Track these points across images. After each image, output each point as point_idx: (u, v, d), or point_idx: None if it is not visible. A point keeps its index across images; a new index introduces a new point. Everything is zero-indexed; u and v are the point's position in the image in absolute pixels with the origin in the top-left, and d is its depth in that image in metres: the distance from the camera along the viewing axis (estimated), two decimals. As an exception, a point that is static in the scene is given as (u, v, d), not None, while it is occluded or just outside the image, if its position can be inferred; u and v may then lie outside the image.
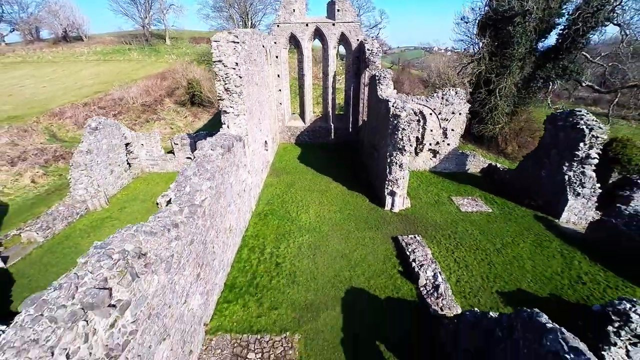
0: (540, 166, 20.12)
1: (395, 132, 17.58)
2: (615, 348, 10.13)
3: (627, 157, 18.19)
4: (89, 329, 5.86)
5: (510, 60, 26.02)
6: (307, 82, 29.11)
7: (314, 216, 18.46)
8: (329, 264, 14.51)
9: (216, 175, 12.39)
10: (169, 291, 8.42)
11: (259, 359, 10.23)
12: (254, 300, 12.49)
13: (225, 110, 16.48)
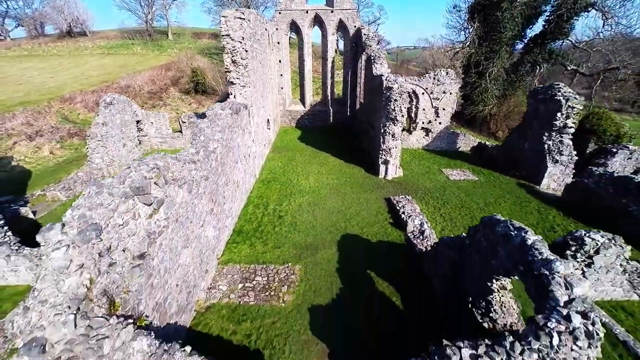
0: (524, 139, 21.90)
1: (388, 103, 19.35)
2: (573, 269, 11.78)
3: (602, 129, 19.92)
4: (135, 211, 7.61)
5: (499, 45, 27.83)
6: (307, 67, 30.92)
7: (313, 182, 20.19)
8: (326, 217, 16.22)
9: (226, 131, 14.15)
10: (190, 210, 10.16)
11: (265, 280, 11.93)
12: (259, 242, 14.21)
13: (232, 81, 18.25)
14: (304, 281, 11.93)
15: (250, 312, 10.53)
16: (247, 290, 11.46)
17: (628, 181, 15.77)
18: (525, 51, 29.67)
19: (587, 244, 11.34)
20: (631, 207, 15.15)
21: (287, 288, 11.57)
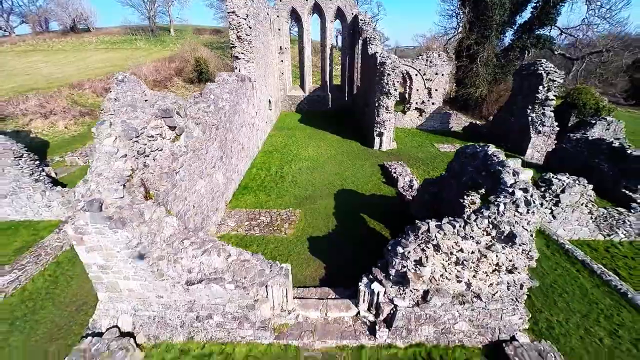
0: (511, 114, 23.56)
1: (381, 78, 21.03)
2: (543, 208, 13.42)
3: (582, 102, 21.57)
4: (163, 130, 9.23)
5: (489, 31, 29.60)
6: (306, 53, 32.68)
7: (312, 152, 21.82)
8: (324, 178, 17.83)
9: (232, 93, 15.80)
10: (204, 149, 11.77)
11: (269, 219, 13.52)
12: (263, 194, 15.80)
13: (237, 56, 19.94)
14: (303, 220, 13.51)
15: (256, 240, 12.11)
16: (253, 226, 13.04)
17: (600, 143, 17.41)
18: (515, 37, 31.39)
19: (554, 184, 12.92)
20: (602, 164, 16.77)
21: (289, 225, 13.14)
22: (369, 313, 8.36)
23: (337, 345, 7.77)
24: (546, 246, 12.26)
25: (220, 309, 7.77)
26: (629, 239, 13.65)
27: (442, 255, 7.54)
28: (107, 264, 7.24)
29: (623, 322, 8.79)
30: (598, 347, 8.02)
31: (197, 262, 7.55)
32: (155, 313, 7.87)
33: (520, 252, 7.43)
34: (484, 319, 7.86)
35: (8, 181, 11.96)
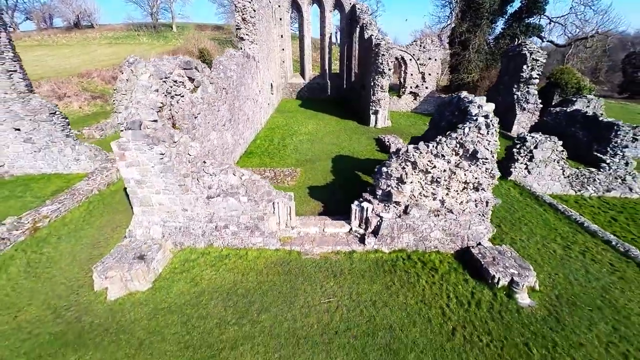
0: (499, 94, 25.30)
1: (376, 58, 22.77)
2: (518, 164, 15.12)
3: (564, 82, 23.31)
4: (184, 80, 10.94)
5: (480, 19, 31.43)
6: (306, 42, 34.47)
7: (312, 128, 23.54)
8: (323, 147, 19.52)
9: (239, 67, 17.53)
10: (216, 107, 13.47)
11: (273, 175, 15.20)
12: (267, 157, 17.51)
13: (242, 37, 21.69)
14: (303, 175, 15.20)
15: (262, 187, 13.75)
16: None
17: (576, 114, 19.14)
18: (505, 26, 33.23)
19: (528, 141, 14.61)
20: (577, 132, 18.49)
21: (291, 178, 14.83)
22: (359, 228, 10.04)
23: (333, 251, 9.43)
24: (520, 194, 13.94)
25: (235, 220, 9.45)
26: (597, 194, 15.32)
27: (419, 174, 9.23)
28: (142, 178, 8.93)
29: (576, 240, 10.47)
30: (551, 255, 9.70)
31: (216, 180, 9.24)
32: (181, 224, 9.55)
33: (484, 170, 9.12)
34: (455, 229, 9.54)
35: (43, 135, 13.66)
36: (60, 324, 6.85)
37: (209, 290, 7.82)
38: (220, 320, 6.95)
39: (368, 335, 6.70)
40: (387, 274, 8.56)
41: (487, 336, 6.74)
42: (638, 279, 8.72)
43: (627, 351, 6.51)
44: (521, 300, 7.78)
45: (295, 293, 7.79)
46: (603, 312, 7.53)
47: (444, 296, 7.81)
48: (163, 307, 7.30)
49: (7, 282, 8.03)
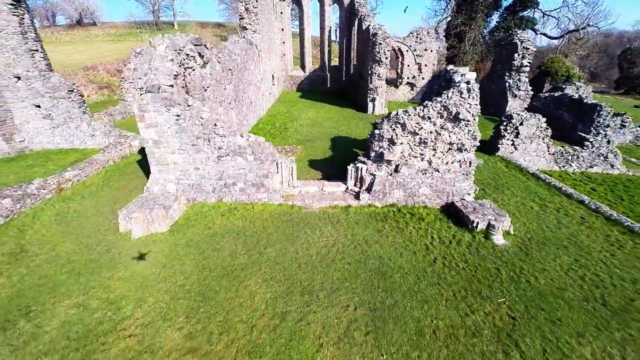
0: (492, 82, 26.43)
1: (374, 47, 23.91)
2: (505, 140, 16.24)
3: (554, 70, 24.45)
4: (195, 55, 12.06)
5: (475, 13, 32.60)
6: (306, 35, 35.63)
7: (312, 115, 24.67)
8: (323, 130, 20.64)
9: (243, 52, 18.67)
10: (223, 85, 14.59)
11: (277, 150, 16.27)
12: (269, 138, 18.60)
13: (245, 26, 22.85)
14: (304, 152, 16.32)
15: (265, 160, 14.85)
16: (262, 154, 15.78)
17: (563, 98, 20.27)
18: (500, 19, 34.40)
19: (514, 118, 15.73)
20: (564, 114, 19.62)
21: (292, 154, 15.93)
22: (355, 187, 11.15)
23: (330, 205, 10.54)
24: (505, 167, 15.05)
25: (242, 177, 10.57)
26: (581, 169, 16.43)
27: (408, 136, 10.35)
28: (159, 139, 10.05)
29: (552, 201, 11.58)
30: (529, 210, 10.80)
31: (226, 141, 10.36)
32: (194, 181, 10.66)
33: (467, 132, 10.23)
34: (441, 186, 10.65)
35: (61, 112, 14.78)
36: (92, 253, 7.95)
37: (221, 232, 8.93)
38: (232, 252, 8.05)
39: (360, 262, 7.81)
40: (379, 222, 9.66)
41: (464, 263, 7.84)
42: (604, 227, 9.82)
43: (584, 275, 7.61)
44: (496, 240, 8.88)
45: (296, 234, 8.90)
46: (568, 249, 8.63)
47: (429, 237, 8.92)
48: (181, 243, 8.40)
49: (41, 227, 9.14)
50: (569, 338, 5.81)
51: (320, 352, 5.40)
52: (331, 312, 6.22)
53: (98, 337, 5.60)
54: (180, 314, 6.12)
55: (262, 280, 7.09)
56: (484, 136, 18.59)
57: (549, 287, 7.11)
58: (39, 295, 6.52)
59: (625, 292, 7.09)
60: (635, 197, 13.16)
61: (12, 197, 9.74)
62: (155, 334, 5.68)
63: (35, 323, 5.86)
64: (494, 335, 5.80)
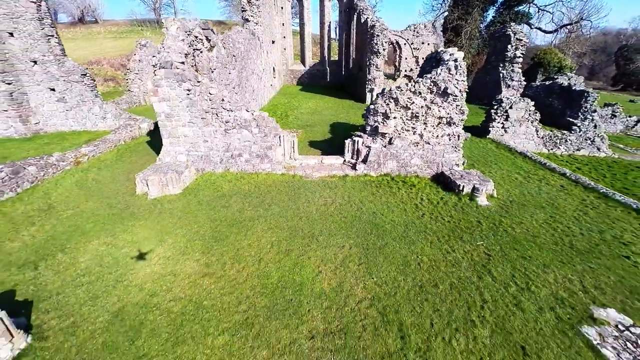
0: (487, 74, 27.38)
1: (372, 39, 24.86)
2: (495, 123, 17.15)
3: (547, 61, 25.40)
4: (203, 39, 12.99)
5: (472, 7, 33.57)
6: (306, 30, 36.60)
7: (312, 105, 25.62)
8: (322, 118, 21.57)
9: (245, 42, 19.61)
10: (228, 70, 15.52)
11: (277, 133, 17.20)
12: (271, 122, 19.52)
13: (247, 18, 23.80)
14: (304, 135, 17.24)
15: (267, 140, 15.77)
16: (265, 136, 16.71)
17: (553, 86, 21.21)
18: (496, 14, 35.37)
19: (504, 102, 16.65)
20: (554, 101, 20.55)
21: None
22: (351, 159, 12.07)
23: (329, 175, 11.47)
24: (495, 147, 15.97)
25: (247, 149, 11.49)
26: (568, 152, 17.34)
27: (401, 111, 11.27)
28: (171, 112, 10.99)
29: (536, 173, 12.50)
30: (513, 180, 11.73)
31: (232, 115, 11.29)
32: (202, 153, 11.58)
33: (455, 107, 11.17)
34: (431, 157, 11.57)
35: (74, 95, 15.71)
36: (114, 209, 8.88)
37: (229, 194, 9.86)
38: (240, 209, 8.98)
39: (355, 216, 8.73)
40: (373, 188, 10.59)
41: (449, 217, 8.77)
42: (581, 194, 10.75)
43: (556, 227, 8.54)
44: (480, 201, 9.81)
45: (298, 196, 9.82)
46: (545, 209, 9.56)
47: (418, 198, 9.85)
48: (193, 202, 9.33)
49: (64, 191, 10.06)
50: (535, 268, 6.73)
51: (319, 276, 6.32)
52: (329, 250, 7.14)
53: (127, 265, 6.52)
54: (196, 250, 7.04)
55: (268, 228, 8.01)
56: (477, 123, 19.59)
57: (523, 235, 8.03)
58: (71, 238, 7.44)
59: (592, 239, 8.01)
60: (617, 175, 14.07)
61: (37, 165, 10.67)
62: (175, 263, 6.60)
63: (71, 256, 6.78)
64: (471, 266, 6.72)
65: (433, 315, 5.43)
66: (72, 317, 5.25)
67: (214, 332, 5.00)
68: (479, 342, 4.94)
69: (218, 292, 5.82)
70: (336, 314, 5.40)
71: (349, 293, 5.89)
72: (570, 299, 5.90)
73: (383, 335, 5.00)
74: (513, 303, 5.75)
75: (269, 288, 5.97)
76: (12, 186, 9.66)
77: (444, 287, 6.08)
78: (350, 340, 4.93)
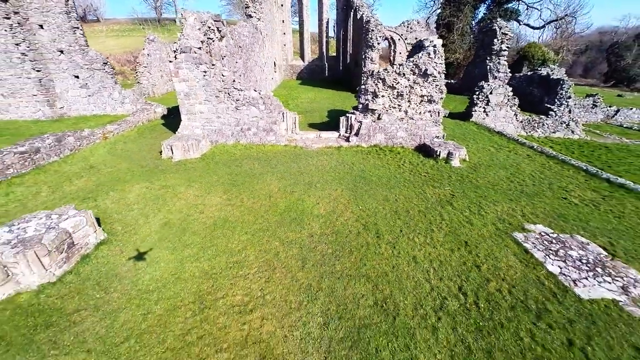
0: (475, 66, 29.37)
1: (367, 34, 26.82)
2: (477, 107, 19.09)
3: (531, 54, 27.40)
4: (215, 30, 14.92)
5: (463, 4, 35.61)
6: (305, 27, 38.58)
7: (311, 96, 27.56)
8: (320, 105, 23.50)
9: (250, 35, 21.55)
10: (235, 59, 17.45)
11: (279, 117, 19.12)
12: (273, 109, 21.42)
13: (250, 15, 25.75)
14: (304, 118, 19.11)
15: (271, 122, 17.67)
16: (268, 119, 18.61)
17: (534, 76, 23.19)
18: (487, 11, 37.42)
19: (485, 88, 18.59)
20: (534, 90, 22.53)
21: (294, 119, 18.73)
22: (345, 133, 13.99)
23: (326, 146, 13.37)
24: (476, 128, 17.90)
25: (255, 124, 13.39)
26: (545, 134, 19.27)
27: (388, 90, 13.19)
28: (189, 91, 12.89)
29: (507, 146, 14.43)
30: (486, 151, 13.65)
31: (242, 95, 13.19)
32: (216, 127, 13.48)
33: (435, 86, 13.09)
34: (415, 130, 13.49)
35: (96, 82, 17.60)
36: (145, 168, 10.77)
37: (241, 158, 11.76)
38: (251, 167, 10.88)
39: (347, 172, 10.64)
40: (364, 155, 12.50)
41: (425, 173, 10.68)
42: (542, 160, 12.67)
43: (513, 180, 10.45)
44: (454, 164, 11.72)
45: (299, 160, 11.73)
46: (508, 169, 11.49)
47: (401, 162, 11.76)
48: (212, 163, 11.23)
49: (99, 157, 11.94)
50: (488, 203, 8.64)
51: (317, 206, 8.22)
52: (324, 192, 9.04)
53: (165, 198, 8.41)
54: (219, 191, 8.94)
55: (275, 178, 9.91)
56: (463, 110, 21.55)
57: (484, 184, 9.95)
58: (116, 184, 9.32)
59: (540, 188, 9.93)
60: (585, 152, 15.99)
61: (74, 136, 12.55)
62: (204, 198, 8.49)
63: (120, 194, 8.66)
64: (437, 200, 8.63)
65: (402, 226, 7.33)
66: (132, 226, 7.13)
67: (239, 233, 6.89)
68: (434, 239, 6.83)
69: (239, 214, 7.71)
70: (329, 225, 7.29)
71: (339, 215, 7.78)
72: (510, 219, 7.80)
73: (364, 235, 6.90)
74: (465, 221, 7.65)
75: (278, 211, 7.86)
76: (57, 151, 11.54)
77: (413, 212, 7.98)
78: (339, 238, 6.83)
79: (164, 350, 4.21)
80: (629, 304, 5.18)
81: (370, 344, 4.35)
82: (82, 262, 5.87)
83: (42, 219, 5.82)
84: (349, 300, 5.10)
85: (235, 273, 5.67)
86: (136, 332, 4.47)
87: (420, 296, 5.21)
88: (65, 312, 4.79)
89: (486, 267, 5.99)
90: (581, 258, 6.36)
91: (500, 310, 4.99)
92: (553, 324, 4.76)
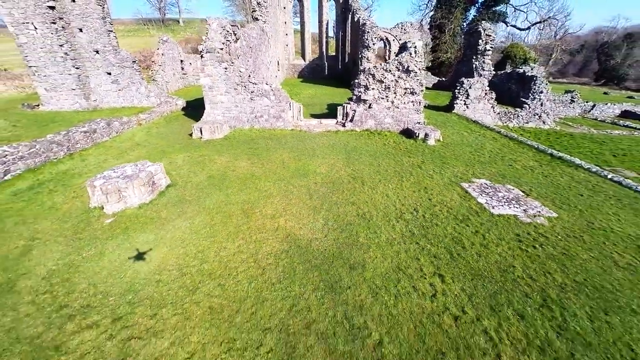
0: (463, 65, 32.33)
1: (363, 35, 29.80)
2: (459, 100, 22.04)
3: (514, 54, 30.38)
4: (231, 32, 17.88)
5: (455, 7, 38.62)
6: (306, 28, 41.58)
7: (312, 92, 30.53)
8: (320, 100, 26.47)
9: (258, 36, 24.51)
10: (245, 58, 20.40)
11: (284, 109, 22.09)
12: (278, 103, 24.39)
13: (257, 18, 28.72)
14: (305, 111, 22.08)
15: (278, 113, 20.62)
16: (275, 111, 21.56)
17: (513, 73, 26.16)
18: (477, 14, 40.42)
19: (464, 83, 21.53)
20: (512, 86, 25.50)
21: (297, 111, 21.69)
22: (342, 120, 16.93)
23: (326, 130, 16.31)
24: (457, 118, 20.84)
25: (266, 112, 16.33)
26: (519, 124, 22.20)
27: (377, 84, 16.14)
28: (213, 84, 15.82)
29: (479, 131, 17.36)
30: (460, 135, 16.58)
31: (256, 87, 16.13)
32: (234, 115, 16.41)
33: (416, 80, 16.04)
34: (400, 117, 16.43)
35: (126, 78, 20.53)
36: (180, 144, 13.70)
37: (257, 138, 14.70)
38: (265, 144, 13.82)
39: (342, 147, 13.57)
40: (357, 136, 15.44)
41: (405, 149, 13.63)
42: (504, 141, 15.60)
43: (475, 153, 13.38)
44: (429, 143, 14.66)
45: (304, 139, 14.67)
46: (472, 147, 14.42)
47: (387, 141, 14.71)
48: (234, 142, 14.16)
49: (140, 138, 14.87)
50: (449, 167, 11.57)
51: (319, 167, 11.15)
52: (324, 160, 11.98)
53: (204, 163, 11.34)
54: (243, 159, 11.88)
55: (286, 151, 12.85)
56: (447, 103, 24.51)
57: (450, 155, 12.90)
58: (163, 154, 12.25)
59: (494, 158, 12.87)
60: (551, 139, 18.89)
61: (119, 121, 15.49)
62: (233, 163, 11.42)
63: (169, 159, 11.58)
64: (410, 165, 11.57)
65: (381, 179, 10.27)
66: (186, 177, 10.07)
67: (264, 181, 9.83)
68: (403, 186, 9.78)
69: (262, 172, 10.65)
70: (328, 177, 10.23)
71: (335, 172, 10.73)
72: (462, 176, 10.75)
73: (352, 183, 9.84)
74: (428, 176, 10.59)
75: (290, 171, 10.81)
76: (107, 132, 14.48)
77: (390, 172, 10.92)
78: (336, 185, 9.77)
79: (229, 232, 7.14)
80: (524, 217, 8.12)
81: (353, 230, 7.29)
82: (160, 196, 8.80)
83: (132, 167, 8.74)
84: (341, 213, 8.04)
85: (265, 200, 8.61)
86: (209, 226, 7.40)
87: (387, 212, 8.15)
88: (160, 218, 7.72)
89: (436, 200, 8.93)
90: (505, 197, 9.30)
91: (438, 218, 7.93)
92: (470, 224, 7.69)
